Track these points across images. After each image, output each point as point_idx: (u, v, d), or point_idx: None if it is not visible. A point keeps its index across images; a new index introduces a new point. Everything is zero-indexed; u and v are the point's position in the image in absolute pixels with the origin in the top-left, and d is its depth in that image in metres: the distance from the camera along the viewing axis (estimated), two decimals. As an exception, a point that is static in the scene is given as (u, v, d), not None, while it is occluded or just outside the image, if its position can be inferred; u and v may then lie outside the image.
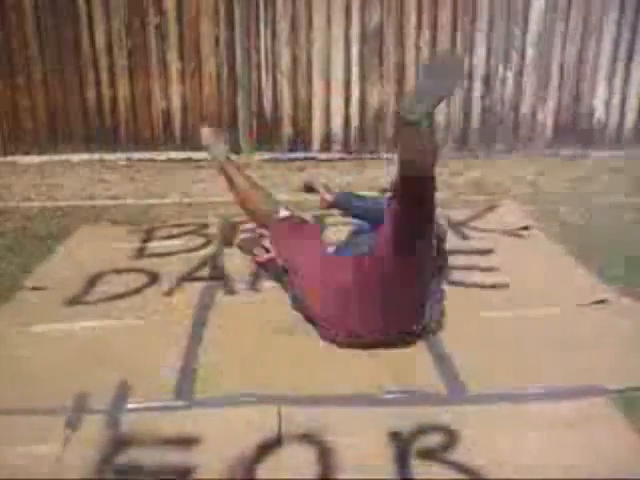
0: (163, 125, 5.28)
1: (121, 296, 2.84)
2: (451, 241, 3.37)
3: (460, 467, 1.73)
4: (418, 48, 5.13)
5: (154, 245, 3.46)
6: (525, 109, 5.27)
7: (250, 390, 2.06)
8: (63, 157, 5.25)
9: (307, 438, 1.83)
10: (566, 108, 5.27)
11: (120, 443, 1.84)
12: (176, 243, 3.48)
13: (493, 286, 2.84)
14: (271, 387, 2.08)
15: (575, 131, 5.29)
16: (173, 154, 5.25)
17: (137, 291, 2.89)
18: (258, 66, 5.17)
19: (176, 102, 5.22)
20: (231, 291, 2.89)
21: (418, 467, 1.73)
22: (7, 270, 3.11)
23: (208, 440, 1.85)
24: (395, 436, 1.84)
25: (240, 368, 2.24)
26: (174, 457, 1.79)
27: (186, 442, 1.84)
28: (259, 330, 2.50)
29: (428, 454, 1.77)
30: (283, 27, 5.10)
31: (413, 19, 5.09)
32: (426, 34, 5.11)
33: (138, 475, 1.72)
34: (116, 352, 2.37)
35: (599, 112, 5.28)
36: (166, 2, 5.03)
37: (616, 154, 5.21)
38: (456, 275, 2.96)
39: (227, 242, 3.40)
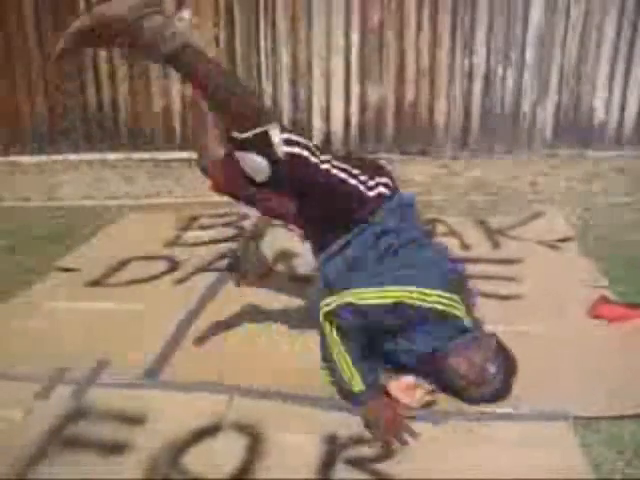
0: (163, 125, 5.28)
1: (137, 282, 2.95)
2: (480, 249, 3.31)
3: (382, 477, 1.70)
4: (418, 48, 5.14)
5: (189, 235, 3.56)
6: (525, 109, 5.27)
7: (211, 378, 2.11)
8: (63, 157, 5.25)
9: (244, 429, 1.88)
10: (566, 108, 5.26)
11: (74, 415, 1.93)
12: (210, 233, 3.57)
13: (505, 297, 2.71)
14: (231, 378, 2.12)
15: (575, 131, 5.29)
16: (173, 154, 5.25)
17: (154, 278, 3.00)
18: (258, 66, 5.17)
19: (176, 102, 5.22)
20: (238, 283, 2.95)
21: (340, 472, 1.71)
22: (7, 270, 3.11)
23: (152, 421, 1.93)
24: (330, 440, 1.83)
25: (213, 357, 2.30)
26: (118, 433, 1.87)
27: (133, 420, 1.93)
28: (246, 322, 2.54)
29: (356, 462, 1.75)
30: (283, 27, 5.10)
31: (413, 19, 5.09)
32: (426, 34, 5.12)
33: (84, 447, 1.79)
34: (109, 332, 2.48)
35: (599, 112, 5.27)
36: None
37: (616, 154, 5.20)
38: (470, 283, 2.87)
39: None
